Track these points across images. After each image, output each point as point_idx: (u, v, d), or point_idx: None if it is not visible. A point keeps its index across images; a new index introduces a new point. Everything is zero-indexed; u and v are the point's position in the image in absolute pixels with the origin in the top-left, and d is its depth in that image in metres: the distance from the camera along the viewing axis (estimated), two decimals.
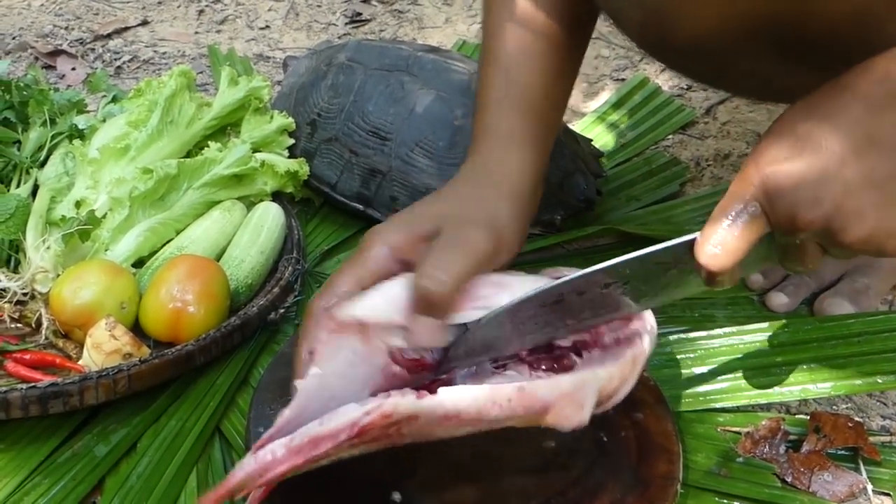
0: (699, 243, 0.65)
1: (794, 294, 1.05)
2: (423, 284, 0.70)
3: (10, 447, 0.87)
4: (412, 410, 0.62)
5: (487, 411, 0.64)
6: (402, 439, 0.66)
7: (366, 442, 0.64)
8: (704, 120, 1.53)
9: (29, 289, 1.00)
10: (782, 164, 0.63)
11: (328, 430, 0.63)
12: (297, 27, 1.91)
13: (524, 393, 0.65)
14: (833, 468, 0.83)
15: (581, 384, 0.67)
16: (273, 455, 0.63)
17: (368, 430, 0.62)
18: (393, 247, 0.74)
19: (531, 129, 0.85)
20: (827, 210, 0.62)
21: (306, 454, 0.63)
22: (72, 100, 1.23)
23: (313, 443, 0.63)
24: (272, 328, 1.02)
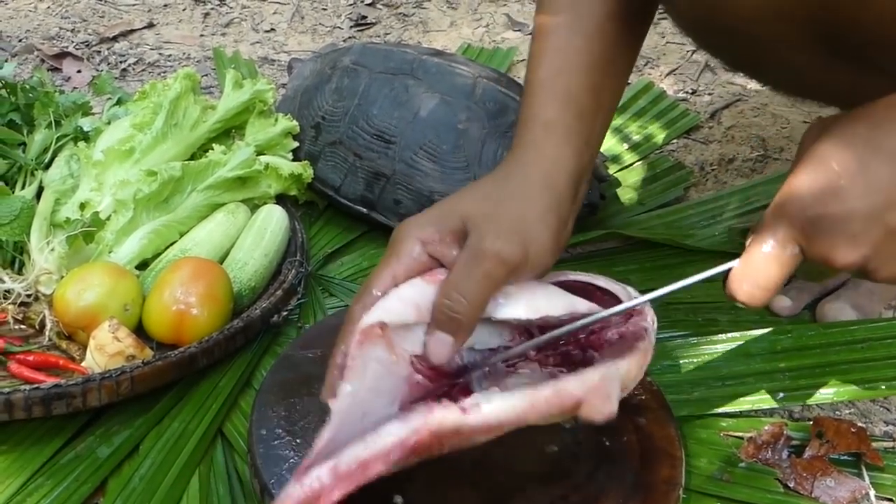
0: (737, 279, 0.67)
1: (798, 298, 1.05)
2: (443, 303, 0.70)
3: (13, 448, 0.87)
4: (458, 425, 0.63)
5: (527, 416, 0.65)
6: (441, 451, 0.66)
7: (408, 458, 0.64)
8: (709, 124, 1.53)
9: (33, 290, 1.01)
10: (823, 204, 0.63)
11: (378, 452, 0.62)
12: (302, 30, 1.91)
13: (559, 392, 0.66)
14: (836, 474, 0.83)
15: (607, 376, 0.68)
16: (321, 482, 0.62)
17: (419, 448, 0.63)
18: (424, 241, 0.73)
19: (571, 123, 0.82)
20: (864, 254, 0.64)
21: (358, 479, 0.62)
22: (77, 102, 1.23)
23: (363, 466, 0.62)
24: (275, 331, 1.02)
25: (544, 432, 0.76)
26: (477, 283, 0.69)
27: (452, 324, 0.70)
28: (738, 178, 1.37)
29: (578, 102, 0.83)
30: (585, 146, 0.82)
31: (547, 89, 0.83)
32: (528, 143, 0.81)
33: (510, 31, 1.92)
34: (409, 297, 0.71)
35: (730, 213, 1.23)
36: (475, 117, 1.15)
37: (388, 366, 0.70)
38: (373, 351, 0.69)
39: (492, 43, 1.86)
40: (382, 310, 0.70)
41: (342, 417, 0.67)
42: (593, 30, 0.85)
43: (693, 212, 1.26)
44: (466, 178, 1.14)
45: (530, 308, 0.73)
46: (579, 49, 0.85)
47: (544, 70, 0.84)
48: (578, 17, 0.86)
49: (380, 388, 0.70)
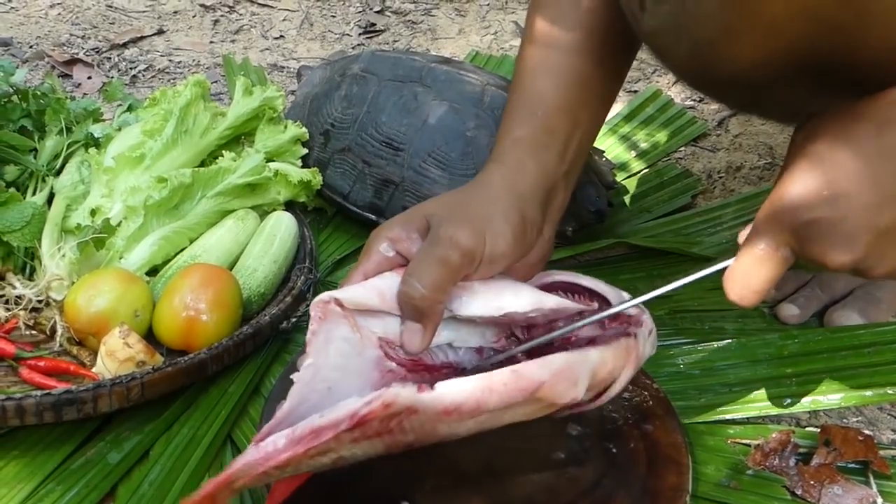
0: (731, 281, 0.68)
1: (805, 306, 1.06)
2: (402, 290, 0.72)
3: (24, 453, 0.87)
4: (411, 402, 0.62)
5: (486, 400, 0.64)
6: (404, 436, 0.66)
7: (368, 436, 0.64)
8: (716, 132, 1.53)
9: (44, 296, 1.01)
10: (814, 208, 0.64)
11: (328, 421, 0.63)
12: (312, 37, 1.92)
13: (518, 375, 0.65)
14: (843, 482, 0.83)
15: (573, 362, 0.68)
16: (275, 445, 0.63)
17: (369, 420, 0.62)
18: (392, 239, 0.76)
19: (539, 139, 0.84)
20: (857, 255, 0.64)
21: (307, 443, 0.63)
22: (88, 108, 1.24)
23: (314, 433, 0.63)
24: (284, 337, 1.03)
25: (550, 439, 0.76)
26: (431, 268, 0.72)
27: (413, 310, 0.72)
28: (746, 186, 1.37)
29: (552, 119, 0.85)
30: (558, 160, 0.84)
31: (519, 108, 0.86)
32: (494, 158, 0.84)
33: (518, 39, 1.92)
34: (374, 284, 0.74)
35: (737, 221, 1.23)
36: (484, 125, 1.16)
37: (354, 346, 0.72)
38: (336, 328, 0.71)
39: (500, 50, 1.86)
40: (342, 292, 0.72)
41: (302, 388, 0.68)
42: (572, 48, 0.87)
43: (700, 219, 1.26)
44: None
45: (494, 304, 0.74)
46: (563, 63, 0.87)
47: (524, 85, 0.87)
48: (557, 36, 0.87)
49: (347, 367, 0.72)
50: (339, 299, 0.71)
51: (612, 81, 0.91)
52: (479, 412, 0.65)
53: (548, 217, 0.84)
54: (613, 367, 0.72)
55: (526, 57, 0.89)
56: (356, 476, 0.76)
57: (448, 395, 0.64)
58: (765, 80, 0.73)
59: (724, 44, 0.71)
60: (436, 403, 0.63)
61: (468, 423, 0.67)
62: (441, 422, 0.65)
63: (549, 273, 0.81)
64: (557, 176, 0.85)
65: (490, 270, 0.76)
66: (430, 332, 0.73)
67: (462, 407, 0.64)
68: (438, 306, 0.73)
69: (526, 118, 0.86)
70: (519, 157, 0.83)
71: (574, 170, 0.87)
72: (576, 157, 0.87)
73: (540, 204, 0.82)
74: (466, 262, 0.73)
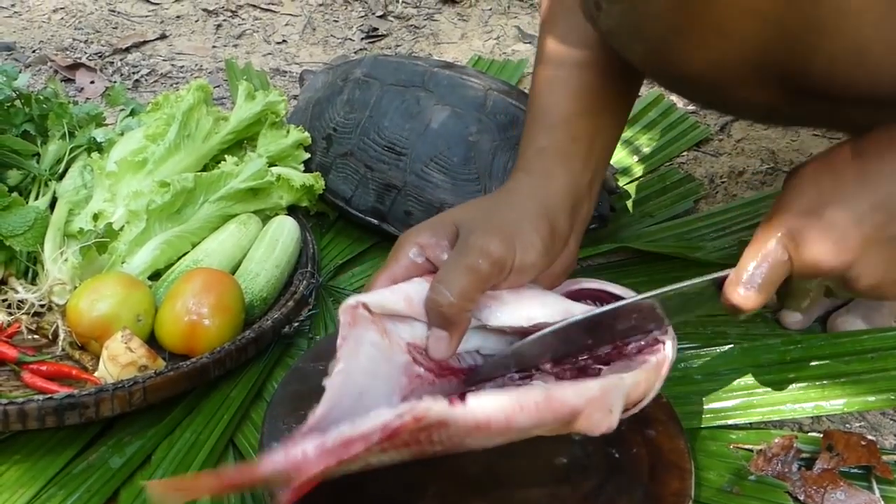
0: (731, 285, 0.71)
1: (808, 312, 1.06)
2: (429, 297, 0.72)
3: (26, 458, 0.87)
4: (443, 416, 0.62)
5: (516, 418, 0.64)
6: (433, 447, 0.65)
7: (397, 447, 0.64)
8: (719, 137, 1.53)
9: (46, 300, 1.01)
10: (807, 218, 0.69)
11: (360, 432, 0.62)
12: (314, 42, 1.92)
13: (552, 398, 0.65)
14: (846, 487, 0.83)
15: (608, 389, 0.68)
16: (304, 455, 0.62)
17: (399, 433, 0.62)
18: (421, 245, 0.76)
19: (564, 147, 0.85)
20: (847, 260, 0.68)
21: (338, 455, 0.62)
22: (90, 113, 1.24)
23: (345, 444, 0.62)
24: (286, 342, 1.03)
25: (553, 444, 0.76)
26: (461, 276, 0.72)
27: (440, 317, 0.72)
28: (748, 191, 1.37)
29: (573, 127, 0.86)
30: (583, 167, 0.85)
31: (542, 117, 0.88)
32: (520, 168, 0.86)
33: (521, 44, 1.92)
34: (403, 290, 0.74)
35: (739, 226, 1.23)
36: (486, 129, 1.16)
37: (383, 351, 0.72)
38: (365, 333, 0.71)
39: (502, 55, 1.87)
40: (370, 296, 0.72)
41: (334, 394, 0.68)
42: (583, 62, 0.88)
43: (703, 224, 1.26)
44: (477, 189, 1.14)
45: (523, 314, 0.75)
46: (576, 75, 0.88)
47: (541, 99, 0.89)
48: (568, 52, 0.89)
49: (377, 372, 0.71)
50: (366, 304, 0.71)
51: (626, 92, 0.91)
52: (508, 430, 0.65)
53: (574, 227, 0.85)
54: (646, 387, 0.73)
55: (540, 74, 0.90)
56: (359, 482, 0.76)
57: (479, 410, 0.63)
58: (723, 80, 0.73)
59: (675, 44, 0.72)
60: (467, 419, 0.63)
61: (497, 439, 0.67)
62: (469, 436, 0.65)
63: (577, 281, 0.81)
64: (583, 184, 0.85)
65: (519, 280, 0.76)
66: (457, 339, 0.73)
67: (492, 424, 0.64)
68: (465, 314, 0.73)
69: (548, 128, 0.87)
70: (546, 167, 0.84)
71: (597, 178, 0.88)
72: (598, 165, 0.88)
73: (568, 214, 0.83)
74: (496, 272, 0.73)
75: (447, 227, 0.77)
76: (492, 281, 0.74)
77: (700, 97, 0.87)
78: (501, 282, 0.75)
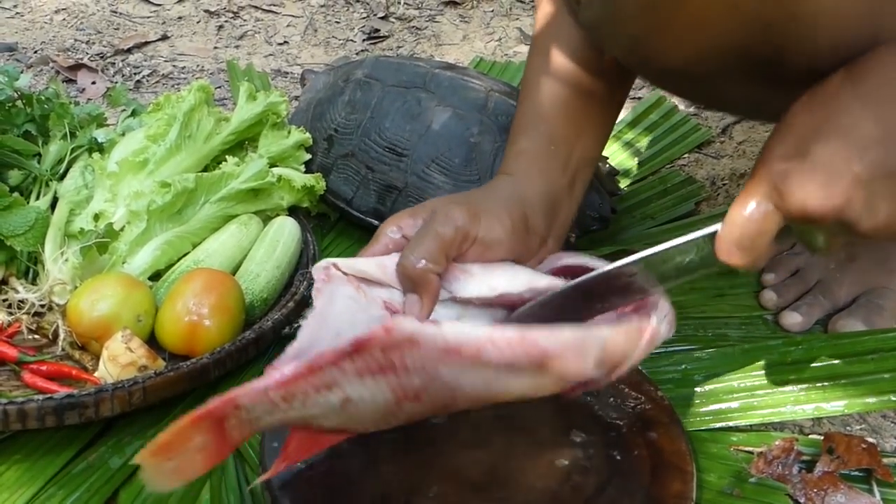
0: (719, 241, 0.68)
1: (808, 314, 1.06)
2: (399, 262, 0.77)
3: (25, 458, 0.87)
4: (412, 331, 0.62)
5: (486, 349, 0.63)
6: (408, 378, 0.64)
7: (372, 371, 0.63)
8: (720, 139, 1.53)
9: (47, 300, 1.01)
10: (790, 161, 0.64)
11: (332, 351, 0.63)
12: (315, 43, 1.92)
13: (525, 338, 0.64)
14: (846, 489, 0.83)
15: (584, 337, 0.66)
16: (281, 372, 0.64)
17: (370, 346, 0.61)
18: (399, 225, 0.80)
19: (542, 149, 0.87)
20: (838, 202, 0.63)
21: (311, 365, 0.63)
22: (92, 113, 1.24)
23: (318, 357, 0.63)
24: (287, 342, 1.02)
25: (554, 446, 0.76)
26: (427, 241, 0.76)
27: (409, 279, 0.76)
28: None
29: (553, 130, 0.89)
30: (561, 170, 0.88)
31: (524, 121, 0.91)
32: (501, 170, 0.89)
33: (522, 45, 1.92)
34: (377, 259, 0.78)
35: None
36: (487, 130, 1.16)
37: (359, 303, 0.75)
38: (340, 288, 0.74)
39: (504, 56, 1.87)
40: (342, 259, 0.75)
41: (312, 332, 0.70)
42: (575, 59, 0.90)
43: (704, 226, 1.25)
44: None
45: (488, 284, 0.77)
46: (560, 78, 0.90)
47: (526, 102, 0.91)
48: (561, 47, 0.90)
49: (354, 320, 0.73)
50: (337, 264, 0.74)
51: (614, 92, 0.92)
52: (479, 361, 0.63)
53: (553, 229, 0.86)
54: (626, 347, 0.70)
55: (526, 76, 0.93)
56: (358, 481, 0.76)
57: (450, 333, 0.62)
58: (705, 74, 0.74)
59: (653, 39, 0.72)
60: (437, 339, 0.62)
61: (472, 375, 0.65)
62: (443, 363, 0.63)
63: (560, 255, 0.83)
64: (561, 186, 0.87)
65: (484, 254, 0.79)
66: (429, 303, 0.76)
67: (463, 349, 0.63)
68: (431, 276, 0.76)
69: (530, 130, 0.89)
70: (524, 168, 0.87)
71: (578, 181, 0.89)
72: (579, 168, 0.88)
73: (544, 214, 0.85)
74: (459, 237, 0.77)
75: (425, 210, 0.81)
76: (455, 246, 0.77)
77: (684, 91, 0.88)
78: (466, 251, 0.78)
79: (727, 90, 0.77)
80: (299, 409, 0.65)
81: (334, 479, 0.75)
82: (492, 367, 0.64)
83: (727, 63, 0.71)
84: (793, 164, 0.64)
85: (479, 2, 2.10)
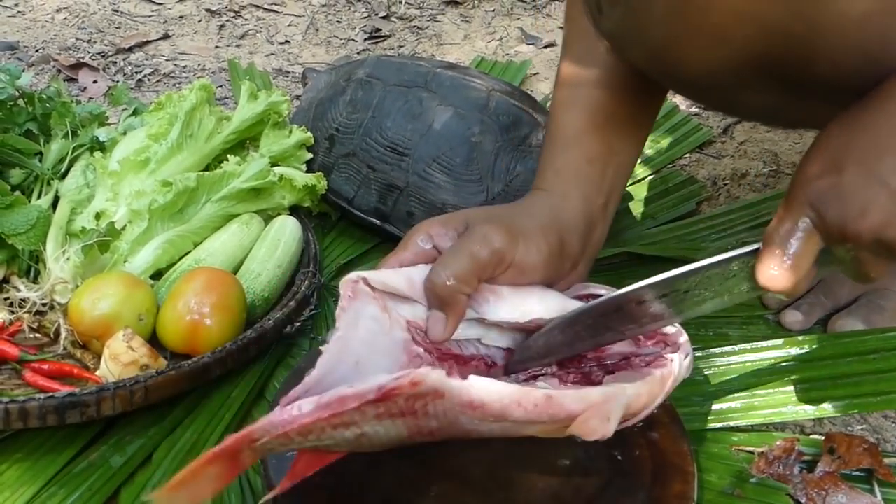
0: (759, 266, 0.67)
1: (809, 312, 1.05)
2: (428, 277, 0.74)
3: (27, 456, 0.87)
4: (439, 385, 0.62)
5: (511, 410, 0.64)
6: (427, 421, 0.65)
7: (392, 414, 0.64)
8: (721, 139, 1.53)
9: (48, 299, 1.01)
10: (826, 178, 0.64)
11: (354, 392, 0.62)
12: (317, 42, 1.92)
13: (552, 400, 0.65)
14: (847, 490, 0.83)
15: (609, 397, 0.67)
16: (300, 409, 0.63)
17: (395, 396, 0.62)
18: (431, 234, 0.78)
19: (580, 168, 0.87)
20: (876, 220, 0.63)
21: (332, 409, 0.62)
22: (93, 112, 1.24)
23: (341, 400, 0.62)
24: (288, 342, 1.03)
25: (556, 446, 0.76)
26: (460, 261, 0.74)
27: (436, 297, 0.74)
28: (751, 193, 1.37)
29: (587, 147, 0.88)
30: (597, 190, 0.87)
31: (558, 136, 0.89)
32: (538, 186, 0.88)
33: (523, 45, 1.92)
34: (406, 272, 0.75)
35: (742, 228, 1.23)
36: (488, 130, 1.16)
37: (383, 325, 0.73)
38: (365, 307, 0.72)
39: (505, 56, 1.87)
40: (372, 273, 0.73)
41: (331, 358, 0.69)
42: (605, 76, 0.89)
43: (705, 226, 1.26)
44: (479, 190, 1.14)
45: (521, 309, 0.76)
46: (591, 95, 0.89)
47: (558, 118, 0.90)
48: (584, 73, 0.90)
49: (375, 345, 0.72)
50: (367, 279, 0.72)
51: (642, 114, 0.92)
52: (502, 418, 0.65)
53: (586, 251, 0.86)
54: (648, 400, 0.72)
55: (557, 94, 0.92)
56: (360, 481, 0.76)
57: (476, 389, 0.63)
58: (725, 83, 0.73)
59: (674, 49, 0.72)
60: (462, 394, 0.63)
61: (491, 424, 0.66)
62: (464, 414, 0.65)
63: (587, 285, 0.82)
64: (597, 206, 0.87)
65: (518, 278, 0.77)
66: (453, 322, 0.75)
67: (487, 407, 0.64)
68: (461, 297, 0.74)
69: (564, 149, 0.88)
70: (562, 187, 0.86)
71: (612, 202, 0.89)
72: (612, 188, 0.89)
73: (581, 235, 0.84)
74: (495, 261, 0.75)
75: (458, 221, 0.79)
76: (490, 270, 0.75)
77: (704, 100, 0.88)
78: (500, 274, 0.76)
79: (748, 98, 0.76)
80: (313, 442, 0.65)
81: (336, 479, 0.75)
82: (512, 421, 0.66)
83: (748, 72, 0.71)
84: (829, 182, 0.64)
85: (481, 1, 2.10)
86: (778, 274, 0.66)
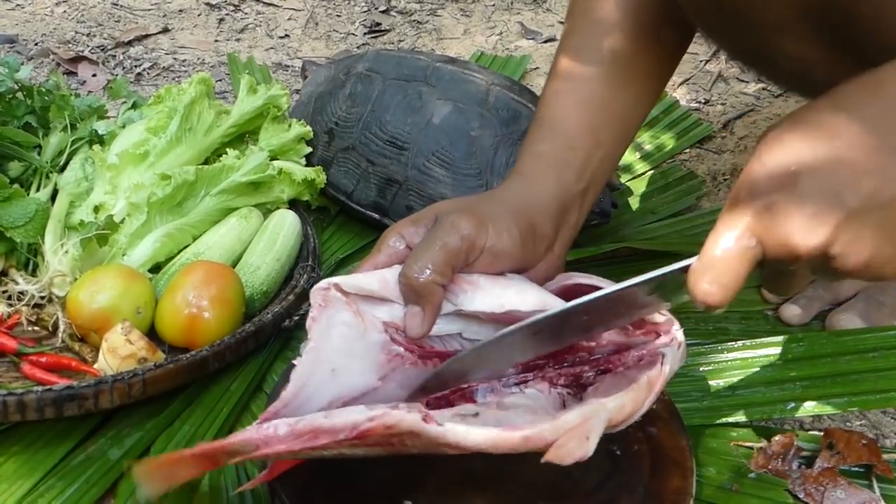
0: (694, 279, 0.61)
1: (808, 307, 1.05)
2: (401, 273, 0.74)
3: (24, 449, 0.87)
4: (413, 429, 0.62)
5: (489, 449, 0.63)
6: (407, 450, 0.65)
7: (368, 445, 0.64)
8: (721, 134, 1.53)
9: (46, 292, 1.01)
10: (781, 191, 0.58)
11: (329, 426, 0.63)
12: (317, 36, 1.92)
13: (529, 441, 0.64)
14: (846, 485, 0.83)
15: (588, 416, 0.66)
16: (275, 431, 0.64)
17: (368, 436, 0.62)
18: (403, 234, 0.78)
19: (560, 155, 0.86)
20: (824, 238, 0.57)
21: (305, 442, 0.63)
22: (92, 105, 1.24)
23: (314, 433, 0.63)
24: (286, 335, 1.03)
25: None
26: (431, 251, 0.73)
27: (411, 291, 0.73)
28: None
29: (573, 136, 0.87)
30: (576, 177, 0.86)
31: (545, 123, 0.89)
32: (516, 170, 0.87)
33: (523, 40, 1.92)
34: (379, 273, 0.75)
35: None
36: (488, 124, 1.16)
37: (357, 330, 0.73)
38: (337, 314, 0.72)
39: (505, 51, 1.86)
40: (343, 277, 0.73)
41: (304, 371, 0.69)
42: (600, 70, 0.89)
43: (704, 221, 1.26)
44: (478, 184, 1.14)
45: (498, 301, 0.74)
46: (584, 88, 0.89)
47: (547, 106, 0.89)
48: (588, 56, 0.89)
49: (351, 351, 0.72)
50: (338, 284, 0.72)
51: (636, 107, 0.91)
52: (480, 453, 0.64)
53: (560, 234, 0.85)
54: (633, 408, 0.69)
55: (550, 83, 0.91)
56: (357, 476, 0.76)
57: (452, 435, 0.63)
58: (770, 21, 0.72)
59: None
60: (438, 438, 0.63)
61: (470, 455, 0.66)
62: (442, 449, 0.65)
63: (570, 275, 0.81)
64: (573, 193, 0.86)
65: (492, 265, 0.76)
66: (430, 315, 0.74)
67: (464, 446, 0.63)
68: (436, 288, 0.73)
69: (548, 135, 0.88)
70: (539, 171, 0.85)
71: (592, 189, 0.88)
72: (594, 177, 0.88)
73: (552, 218, 0.83)
74: (466, 247, 0.74)
75: (428, 217, 0.78)
76: (462, 257, 0.74)
77: (741, 43, 0.85)
78: (474, 261, 0.75)
79: (785, 45, 0.74)
80: (291, 455, 0.67)
81: (334, 472, 0.75)
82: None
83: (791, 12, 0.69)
84: (779, 193, 0.58)
85: None
86: (713, 290, 0.60)
